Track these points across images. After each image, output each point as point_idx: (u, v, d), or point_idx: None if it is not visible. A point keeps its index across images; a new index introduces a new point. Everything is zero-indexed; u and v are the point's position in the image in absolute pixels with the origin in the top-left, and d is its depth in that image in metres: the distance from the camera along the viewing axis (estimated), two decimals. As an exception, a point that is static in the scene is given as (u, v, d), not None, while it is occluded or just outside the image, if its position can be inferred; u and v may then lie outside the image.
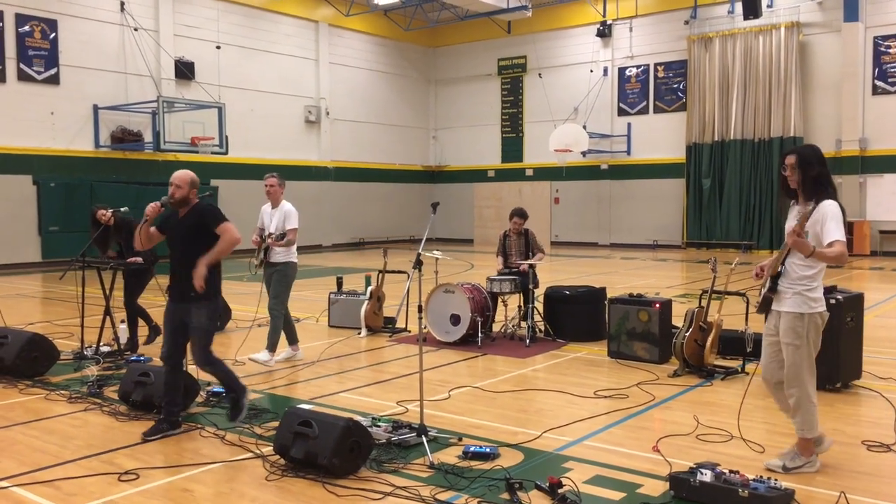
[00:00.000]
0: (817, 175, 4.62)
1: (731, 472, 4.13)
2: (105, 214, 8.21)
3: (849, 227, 21.52)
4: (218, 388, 6.51)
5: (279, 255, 7.91)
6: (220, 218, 5.51)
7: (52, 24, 19.49)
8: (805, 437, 4.70)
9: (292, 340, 8.15)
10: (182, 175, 5.55)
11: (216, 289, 5.63)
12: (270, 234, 7.83)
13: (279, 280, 7.92)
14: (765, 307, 4.83)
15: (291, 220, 7.98)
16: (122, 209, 8.44)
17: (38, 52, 19.25)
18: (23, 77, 18.98)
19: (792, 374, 4.68)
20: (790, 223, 4.67)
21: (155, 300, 9.63)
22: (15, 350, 7.20)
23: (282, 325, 7.88)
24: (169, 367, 5.55)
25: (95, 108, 20.30)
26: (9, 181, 18.73)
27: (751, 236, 23.74)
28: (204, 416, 5.93)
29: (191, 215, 5.54)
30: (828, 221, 4.51)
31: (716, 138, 24.34)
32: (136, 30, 21.00)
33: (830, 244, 4.48)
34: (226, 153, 20.90)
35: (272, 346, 7.76)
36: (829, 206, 4.56)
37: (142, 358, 7.85)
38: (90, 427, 5.73)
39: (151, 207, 5.50)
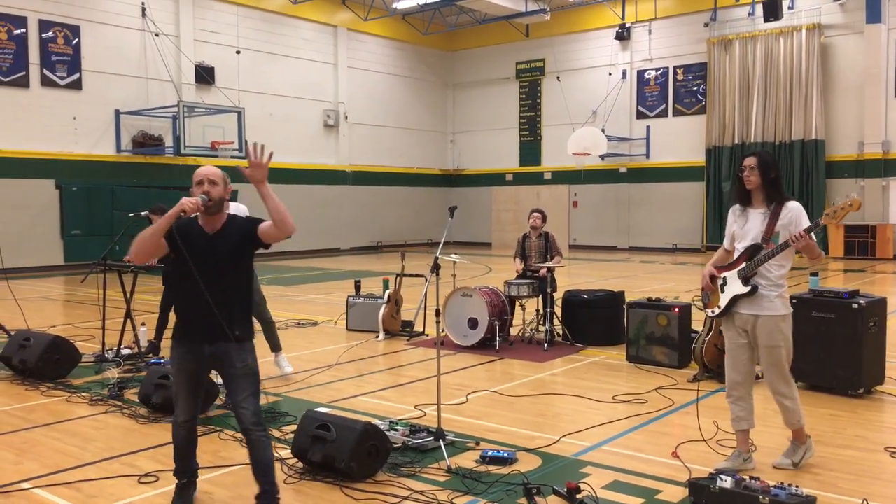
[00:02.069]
0: (775, 178, 4.70)
1: (751, 478, 4.09)
2: None
3: (871, 231, 21.33)
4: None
5: None
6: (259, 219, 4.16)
7: (75, 30, 19.73)
8: (801, 425, 4.79)
9: None
10: (215, 170, 4.14)
11: (251, 322, 4.25)
12: None
13: (256, 282, 7.22)
14: (728, 310, 4.80)
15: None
16: (143, 213, 8.52)
17: (61, 58, 19.49)
18: (46, 82, 19.22)
19: (782, 376, 4.73)
20: (750, 226, 4.72)
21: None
22: (37, 352, 7.29)
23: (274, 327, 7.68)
24: (186, 431, 4.23)
25: (117, 113, 20.51)
26: (32, 185, 18.97)
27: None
28: (222, 419, 5.96)
29: (230, 230, 4.10)
30: (803, 222, 4.59)
31: (736, 141, 24.14)
32: (157, 35, 21.20)
33: None
34: (245, 157, 21.00)
35: (278, 346, 7.66)
36: (798, 207, 4.67)
37: (161, 360, 7.90)
38: (111, 429, 5.78)
39: (193, 203, 3.91)
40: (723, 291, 4.82)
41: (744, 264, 4.71)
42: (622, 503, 4.27)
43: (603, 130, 24.65)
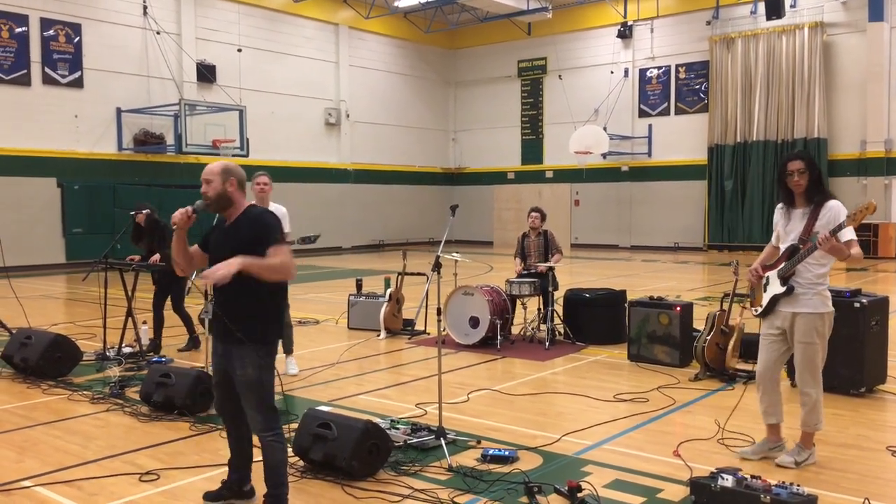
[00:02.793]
0: (820, 175, 4.79)
1: (752, 477, 4.08)
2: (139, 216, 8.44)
3: (874, 230, 21.29)
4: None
5: None
6: (277, 236, 3.91)
7: (77, 29, 19.73)
8: (817, 430, 4.86)
9: None
10: (211, 166, 4.02)
11: (269, 329, 4.00)
12: None
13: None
14: (769, 309, 4.88)
15: (287, 222, 7.21)
16: (144, 211, 8.53)
17: (63, 56, 19.49)
18: (47, 81, 19.22)
19: (810, 373, 4.80)
20: (792, 225, 4.80)
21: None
22: (39, 351, 7.30)
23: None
24: (228, 427, 4.27)
25: (118, 112, 20.51)
26: (34, 184, 18.98)
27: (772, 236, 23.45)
28: (224, 417, 5.96)
29: (242, 225, 3.98)
30: (841, 219, 4.59)
31: (738, 139, 24.13)
32: (158, 33, 21.20)
33: (848, 244, 4.57)
34: (247, 156, 21.02)
35: (290, 349, 7.70)
36: (838, 206, 4.69)
37: (163, 359, 7.92)
38: (112, 427, 5.78)
39: (179, 214, 3.91)
40: (765, 290, 4.93)
41: (783, 264, 4.80)
42: (623, 502, 4.27)
43: (605, 129, 24.62)
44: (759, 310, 4.96)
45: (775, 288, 4.83)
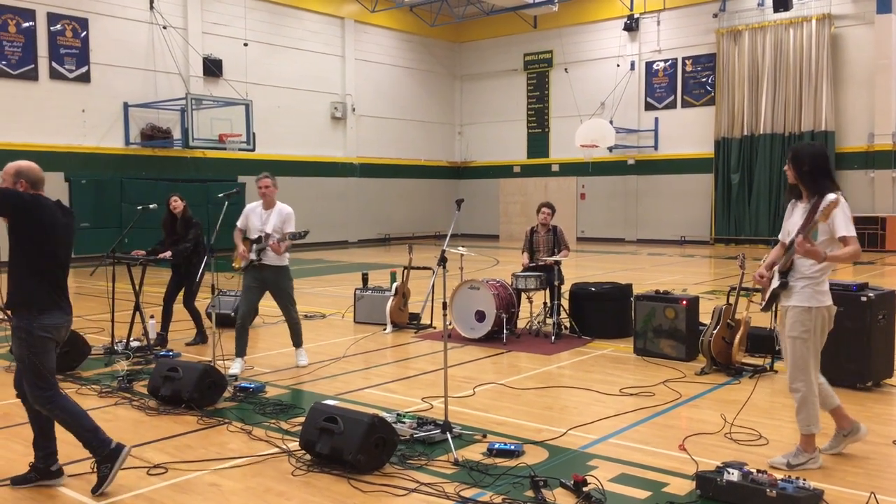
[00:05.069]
0: (810, 170, 4.63)
1: (758, 471, 4.09)
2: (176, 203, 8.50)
3: (881, 223, 21.21)
4: (246, 384, 6.59)
5: (276, 258, 7.34)
6: None
7: (83, 23, 19.77)
8: (811, 433, 4.68)
9: (242, 352, 7.48)
10: (7, 167, 4.39)
11: (32, 300, 4.41)
12: (268, 235, 7.22)
13: (288, 283, 7.51)
14: (771, 304, 4.84)
15: (292, 223, 7.35)
16: (151, 206, 8.57)
17: (70, 51, 19.54)
18: (55, 75, 19.28)
19: (798, 368, 4.68)
20: (793, 220, 4.75)
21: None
22: (47, 345, 7.32)
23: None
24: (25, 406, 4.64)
25: (125, 106, 20.56)
26: (41, 178, 19.03)
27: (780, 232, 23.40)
28: (231, 411, 5.99)
29: None
30: (837, 216, 4.49)
31: (745, 133, 24.04)
32: (164, 28, 21.23)
33: (843, 240, 4.48)
34: (253, 150, 21.06)
35: (301, 342, 7.77)
36: (829, 200, 4.51)
37: (171, 353, 7.95)
38: (120, 421, 5.81)
39: None
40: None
41: (782, 259, 4.77)
42: (629, 496, 4.28)
43: (611, 122, 24.54)
44: (762, 304, 4.93)
45: (774, 282, 4.78)
